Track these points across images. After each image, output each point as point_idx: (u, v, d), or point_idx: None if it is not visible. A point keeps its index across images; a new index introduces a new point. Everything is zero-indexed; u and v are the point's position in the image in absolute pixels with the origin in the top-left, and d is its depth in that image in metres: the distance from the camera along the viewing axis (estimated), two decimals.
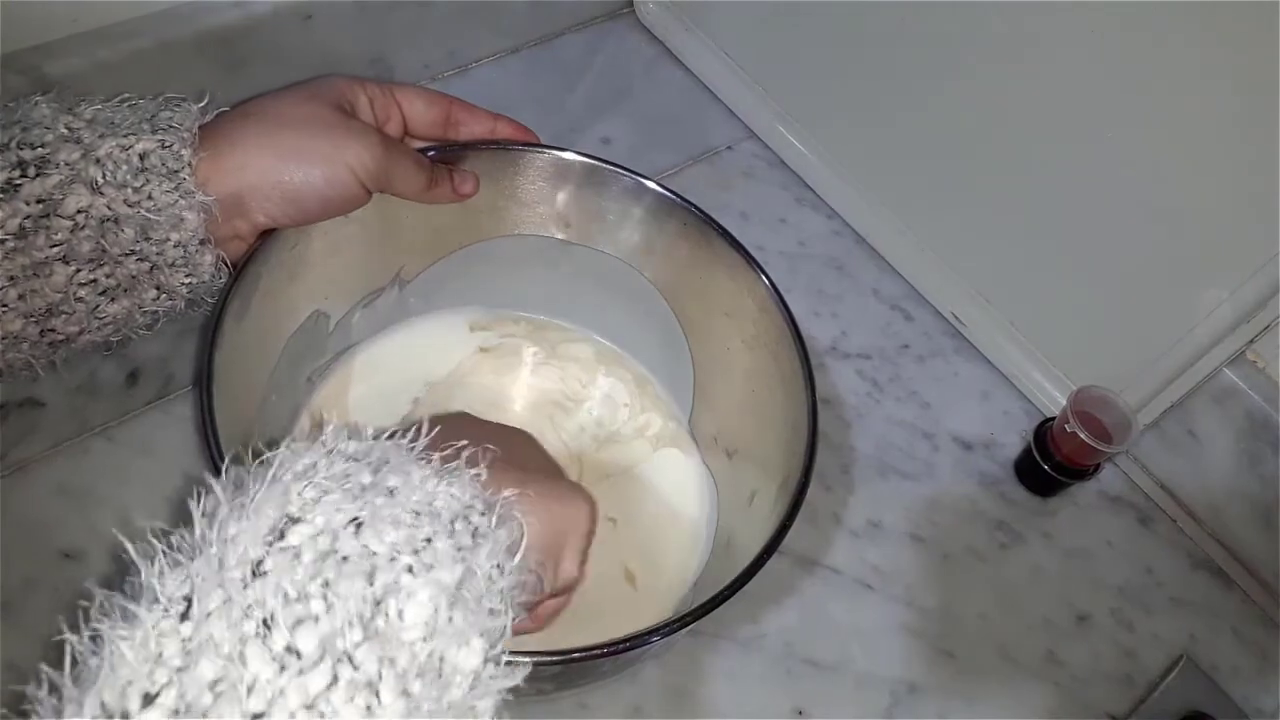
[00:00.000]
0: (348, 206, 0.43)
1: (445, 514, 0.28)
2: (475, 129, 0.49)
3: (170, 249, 0.39)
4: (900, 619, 0.53)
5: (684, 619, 0.39)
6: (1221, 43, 0.46)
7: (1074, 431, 0.55)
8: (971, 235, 0.62)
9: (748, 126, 0.72)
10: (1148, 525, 0.60)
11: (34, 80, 0.51)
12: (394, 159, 0.43)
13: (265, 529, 0.27)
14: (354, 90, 0.45)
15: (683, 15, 0.73)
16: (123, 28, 0.53)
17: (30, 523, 0.47)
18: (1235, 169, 0.48)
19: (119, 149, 0.38)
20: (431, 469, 0.30)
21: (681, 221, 0.50)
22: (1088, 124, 0.53)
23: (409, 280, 0.53)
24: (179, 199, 0.39)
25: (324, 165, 0.41)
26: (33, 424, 0.49)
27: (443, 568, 0.27)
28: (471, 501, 0.29)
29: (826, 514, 0.56)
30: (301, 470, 0.29)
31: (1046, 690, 0.53)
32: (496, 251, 0.54)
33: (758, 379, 0.51)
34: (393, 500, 0.28)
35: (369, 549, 0.27)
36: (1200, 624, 0.57)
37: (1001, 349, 0.63)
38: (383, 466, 0.29)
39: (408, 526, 0.27)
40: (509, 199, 0.51)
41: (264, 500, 0.27)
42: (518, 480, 0.32)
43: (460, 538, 0.28)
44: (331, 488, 0.28)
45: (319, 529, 0.27)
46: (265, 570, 0.26)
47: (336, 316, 0.51)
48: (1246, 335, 0.52)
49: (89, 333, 0.40)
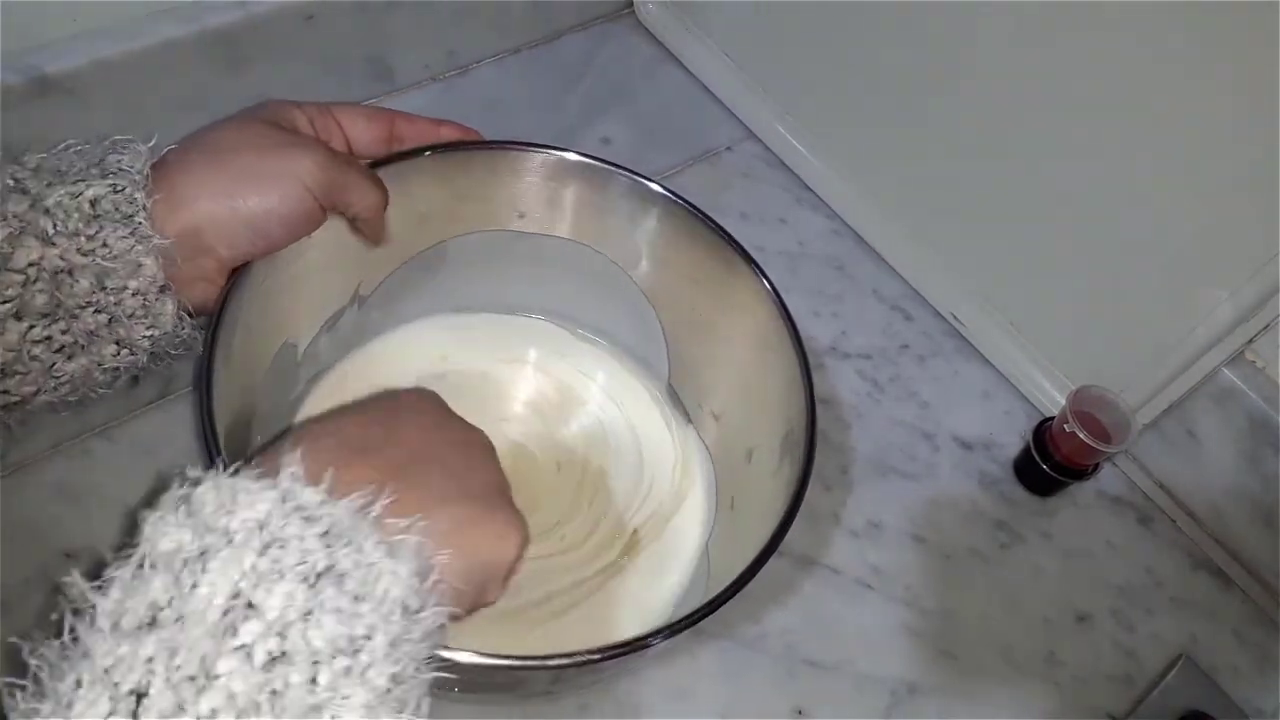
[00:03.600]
0: (309, 225, 0.42)
1: (386, 602, 0.28)
2: (419, 137, 0.48)
3: (129, 298, 0.38)
4: (900, 619, 0.53)
5: (692, 616, 0.39)
6: (1221, 43, 0.46)
7: (1073, 431, 0.55)
8: (971, 235, 0.62)
9: (748, 127, 0.72)
10: (1147, 525, 0.60)
11: (34, 80, 0.51)
12: (343, 170, 0.42)
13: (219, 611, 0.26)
14: (291, 111, 0.44)
15: (683, 15, 0.73)
16: (123, 28, 0.53)
17: (30, 523, 0.47)
18: (1235, 169, 0.48)
19: (68, 196, 0.37)
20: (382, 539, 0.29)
21: (641, 197, 0.50)
22: (1088, 124, 0.53)
23: (368, 295, 0.52)
24: (135, 244, 0.37)
25: (277, 185, 0.40)
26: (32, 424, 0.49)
27: (377, 670, 0.27)
28: (410, 579, 0.29)
29: (826, 514, 0.56)
30: (255, 526, 0.28)
31: (1046, 690, 0.53)
32: (454, 253, 0.53)
33: (735, 341, 0.51)
34: (340, 589, 0.28)
35: (313, 649, 0.27)
36: (1200, 624, 0.57)
37: (1001, 349, 0.63)
38: (338, 542, 0.28)
39: (349, 618, 0.28)
40: (460, 199, 0.51)
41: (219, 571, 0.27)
42: (455, 524, 0.32)
43: (393, 628, 0.28)
44: (285, 565, 0.27)
45: (270, 624, 0.27)
46: (218, 675, 0.25)
47: (303, 345, 0.50)
48: (1246, 335, 0.52)
49: (45, 393, 0.38)
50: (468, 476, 0.35)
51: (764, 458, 0.49)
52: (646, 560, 0.51)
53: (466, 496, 0.34)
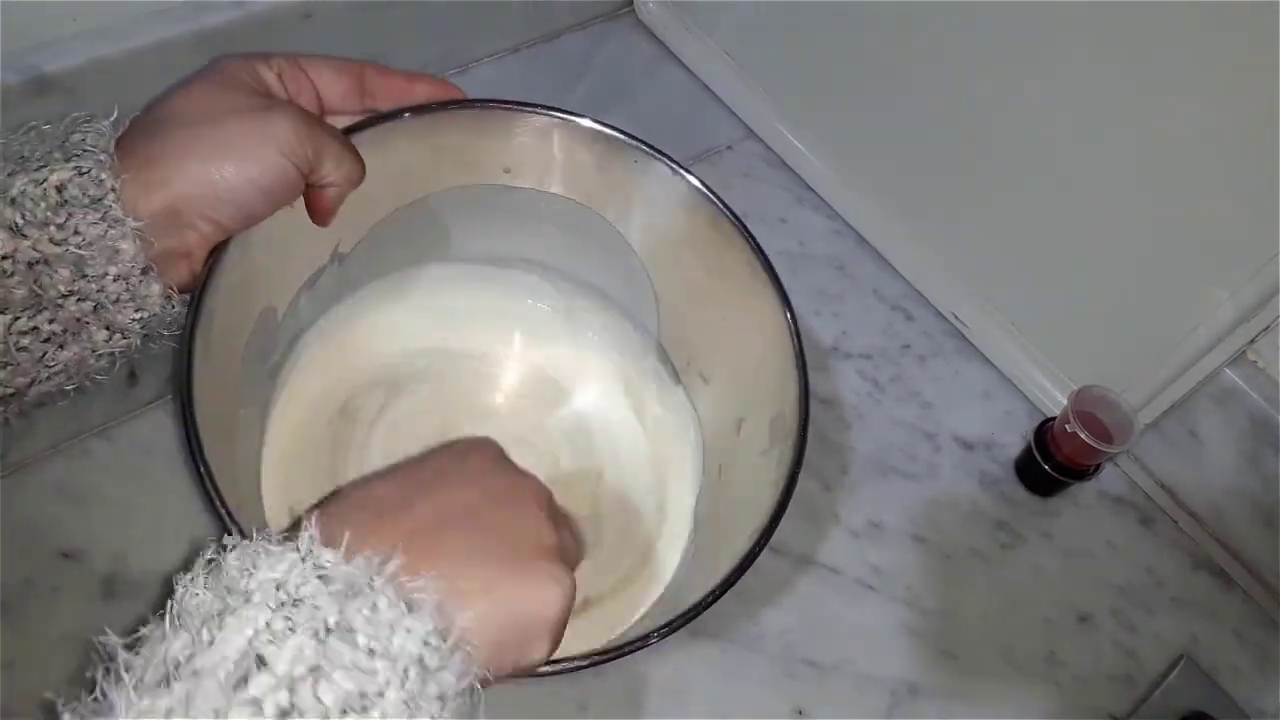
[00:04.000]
0: (289, 194, 0.41)
1: (401, 659, 0.28)
2: (392, 93, 0.46)
3: (111, 284, 0.37)
4: (901, 619, 0.53)
5: (687, 614, 0.39)
6: (1222, 43, 0.46)
7: (1075, 432, 0.55)
8: (973, 235, 0.62)
9: (748, 126, 0.72)
10: (1149, 525, 0.60)
11: (33, 80, 0.51)
12: (320, 137, 0.41)
13: (231, 666, 0.27)
14: (261, 68, 0.42)
15: (683, 15, 0.73)
16: (122, 27, 0.53)
17: (30, 523, 0.47)
18: (1235, 169, 0.48)
19: (33, 185, 0.35)
20: (399, 597, 0.29)
21: (633, 160, 0.50)
22: (1088, 124, 0.53)
23: (347, 253, 0.51)
24: (109, 229, 0.36)
25: (254, 155, 0.38)
26: (32, 424, 0.49)
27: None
28: (428, 637, 0.29)
29: (827, 514, 0.56)
30: (273, 588, 0.29)
31: (1047, 690, 0.53)
32: (436, 206, 0.52)
33: (728, 309, 0.51)
34: (353, 643, 0.28)
35: (323, 705, 0.27)
36: (1201, 624, 0.57)
37: (1002, 349, 0.63)
38: (351, 598, 0.29)
39: (361, 674, 0.27)
40: (443, 154, 0.50)
41: (234, 630, 0.27)
42: (484, 582, 0.32)
43: (411, 685, 0.28)
44: (298, 623, 0.28)
45: (279, 679, 0.27)
46: None
47: (283, 308, 0.49)
48: (1247, 335, 0.52)
49: (40, 383, 0.37)
50: (507, 531, 0.34)
51: (753, 433, 0.49)
52: (638, 528, 0.51)
53: (502, 553, 0.33)
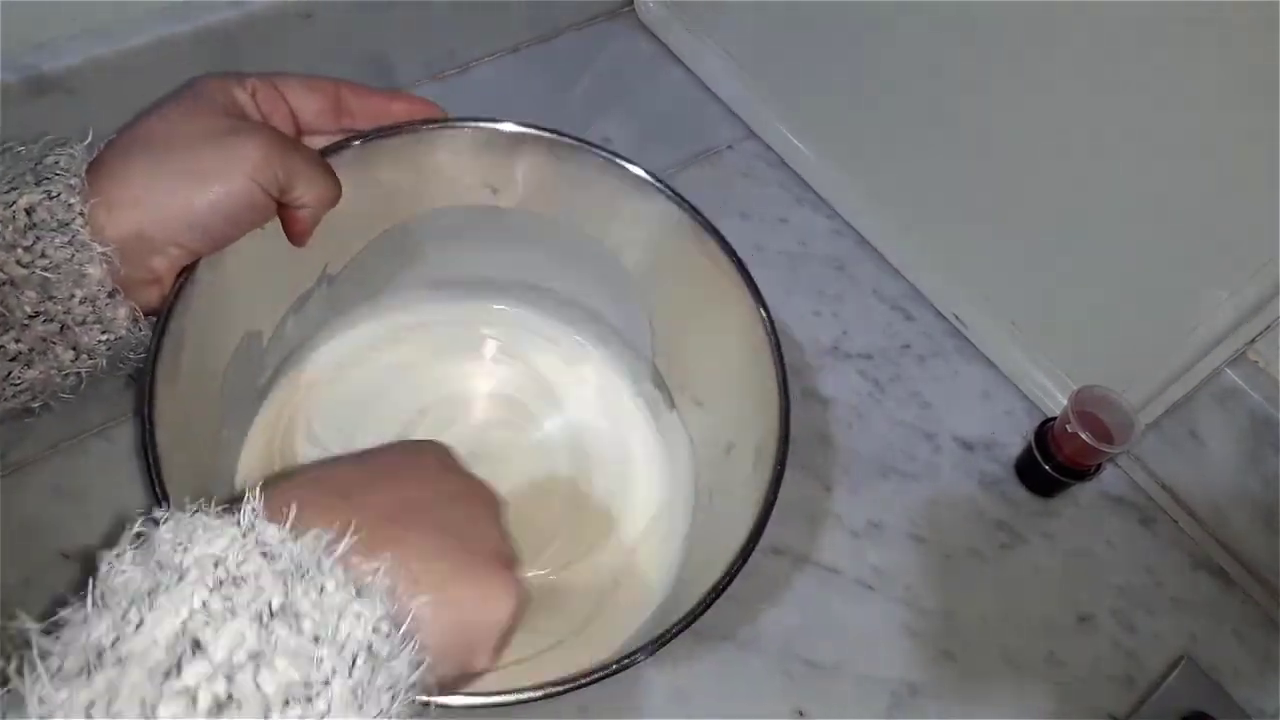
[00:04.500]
0: (258, 218, 0.41)
1: (349, 646, 0.27)
2: (370, 111, 0.46)
3: (77, 306, 0.37)
4: (901, 619, 0.53)
5: (679, 624, 0.39)
6: (1221, 43, 0.46)
7: (1075, 432, 0.55)
8: (973, 235, 0.62)
9: (748, 126, 0.72)
10: (1149, 525, 0.60)
11: (32, 79, 0.51)
12: (291, 159, 0.40)
13: (163, 650, 0.25)
14: (235, 89, 0.42)
15: (683, 15, 0.73)
16: (121, 27, 0.53)
17: (29, 523, 0.47)
18: (1235, 169, 0.48)
19: (2, 207, 0.35)
20: (347, 580, 0.28)
21: (618, 178, 0.50)
22: (1089, 124, 0.53)
23: (336, 274, 0.51)
24: (75, 253, 0.36)
25: (221, 181, 0.38)
26: (30, 424, 0.49)
27: (335, 717, 0.26)
28: (378, 624, 0.28)
29: (826, 514, 0.56)
30: (210, 564, 0.27)
31: (1047, 691, 0.53)
32: (426, 226, 0.52)
33: (718, 331, 0.51)
34: (298, 628, 0.26)
35: (263, 695, 0.25)
36: (1201, 624, 0.57)
37: (1002, 349, 0.63)
38: (296, 578, 0.27)
39: (306, 663, 0.26)
40: (429, 175, 0.50)
41: (166, 609, 0.25)
42: (436, 578, 0.31)
43: (359, 673, 0.27)
44: (238, 604, 0.26)
45: (216, 666, 0.25)
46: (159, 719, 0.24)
47: (269, 332, 0.49)
48: (1247, 335, 0.52)
49: (6, 400, 0.38)
50: (461, 532, 0.33)
51: (742, 454, 0.49)
52: (630, 558, 0.51)
53: (456, 554, 0.32)
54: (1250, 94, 0.46)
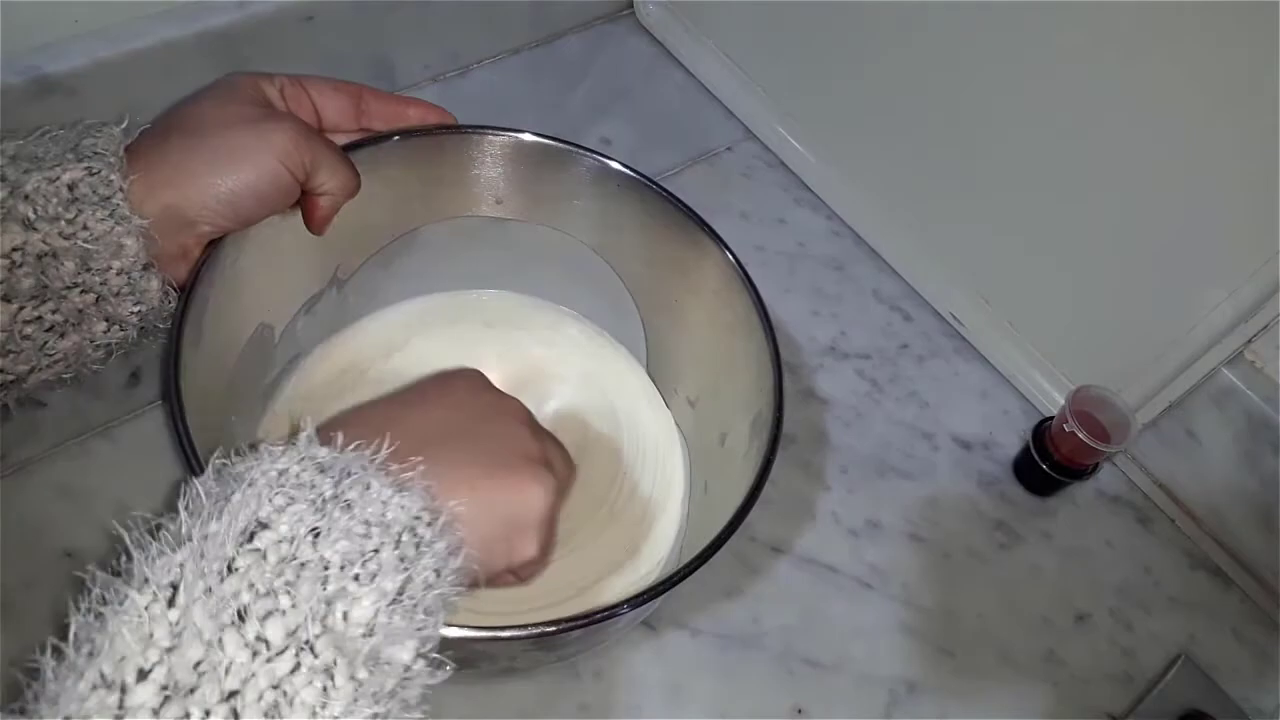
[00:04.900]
0: (285, 199, 0.43)
1: (395, 526, 0.31)
2: (387, 114, 0.48)
3: (113, 277, 0.39)
4: (899, 618, 0.53)
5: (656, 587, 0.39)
6: (1221, 43, 0.46)
7: (1073, 431, 0.55)
8: (971, 235, 0.62)
9: (747, 127, 0.72)
10: (1146, 525, 0.60)
11: (34, 80, 0.51)
12: (316, 146, 0.43)
13: (239, 530, 0.30)
14: (264, 84, 0.45)
15: (683, 16, 0.73)
16: (123, 28, 0.53)
17: (31, 523, 0.47)
18: (1235, 169, 0.48)
19: (46, 182, 0.37)
20: (390, 480, 0.32)
21: (615, 184, 0.50)
22: (1087, 124, 0.53)
23: (346, 279, 0.52)
24: (115, 225, 0.38)
25: (252, 162, 0.41)
26: (34, 424, 0.49)
27: (385, 576, 0.30)
28: (419, 513, 0.32)
29: (826, 513, 0.56)
30: (275, 475, 0.31)
31: (1045, 690, 0.53)
32: (432, 237, 0.53)
33: (711, 326, 0.51)
34: (349, 513, 0.31)
35: (323, 558, 0.30)
36: (1199, 623, 0.57)
37: (1000, 349, 0.63)
38: (345, 479, 0.32)
39: (359, 538, 0.31)
40: (436, 183, 0.51)
41: (240, 504, 0.30)
42: (469, 481, 0.35)
43: (405, 548, 0.31)
44: (298, 497, 0.31)
45: (282, 536, 0.30)
46: (238, 567, 0.29)
47: (280, 327, 0.50)
48: (1245, 335, 0.52)
49: (40, 370, 0.39)
50: (491, 441, 0.38)
51: (736, 441, 0.49)
52: (625, 545, 0.51)
53: (486, 460, 0.36)
54: (1250, 94, 0.46)
